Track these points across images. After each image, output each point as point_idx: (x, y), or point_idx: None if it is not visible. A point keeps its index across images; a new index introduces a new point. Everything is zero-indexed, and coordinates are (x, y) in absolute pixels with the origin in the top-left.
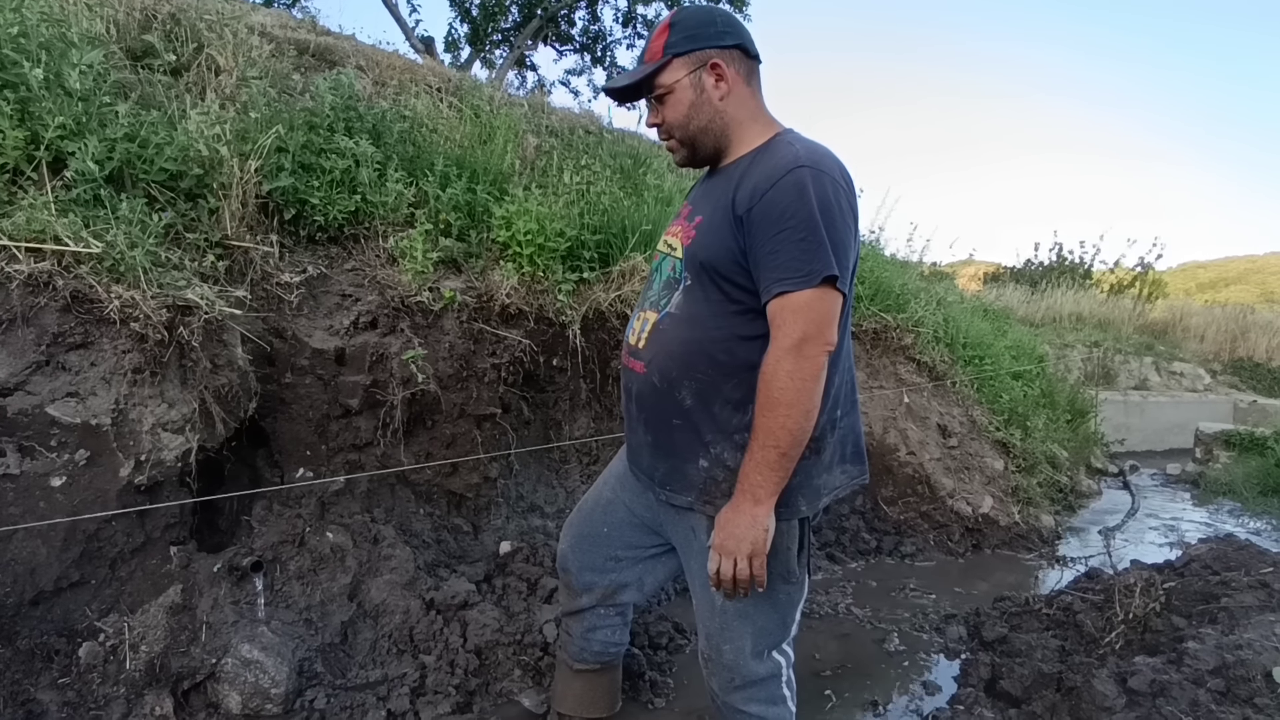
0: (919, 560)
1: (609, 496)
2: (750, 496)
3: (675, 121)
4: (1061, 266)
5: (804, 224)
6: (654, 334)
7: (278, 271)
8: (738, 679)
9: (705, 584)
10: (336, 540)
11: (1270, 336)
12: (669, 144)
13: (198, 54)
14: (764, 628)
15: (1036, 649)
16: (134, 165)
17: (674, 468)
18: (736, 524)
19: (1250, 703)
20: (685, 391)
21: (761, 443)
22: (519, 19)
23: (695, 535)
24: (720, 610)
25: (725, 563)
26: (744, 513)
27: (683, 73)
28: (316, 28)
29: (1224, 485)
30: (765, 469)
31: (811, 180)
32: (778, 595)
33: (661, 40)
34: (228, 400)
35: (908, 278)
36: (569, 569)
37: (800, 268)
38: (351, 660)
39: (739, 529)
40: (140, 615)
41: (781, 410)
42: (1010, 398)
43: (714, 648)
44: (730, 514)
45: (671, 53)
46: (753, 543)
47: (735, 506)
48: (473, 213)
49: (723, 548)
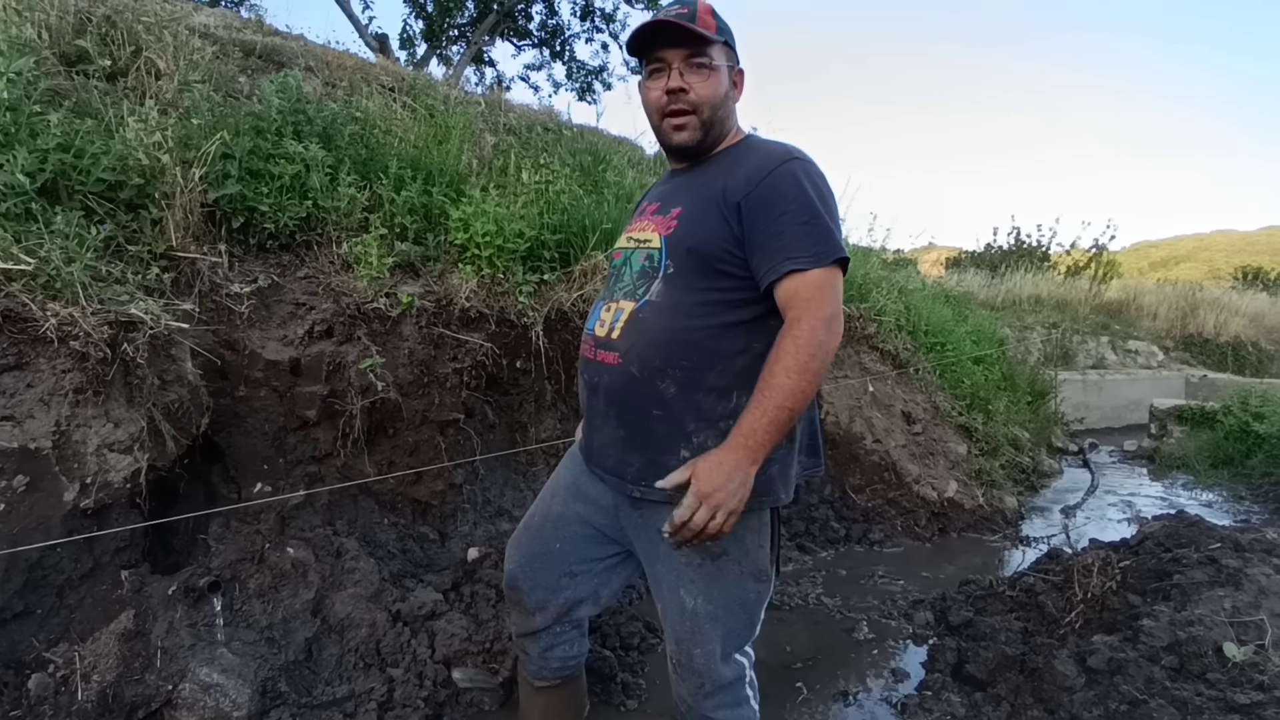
0: (887, 547)
1: (559, 510)
2: (749, 454)
3: (707, 99)
4: (1020, 250)
5: (805, 209)
6: (632, 323)
7: (227, 282)
8: (708, 684)
9: (675, 587)
10: (298, 555)
11: (1218, 313)
12: (681, 119)
13: (136, 58)
14: (733, 629)
15: (1000, 632)
16: (69, 176)
17: (651, 460)
18: (732, 476)
19: (1203, 678)
20: (667, 381)
21: (779, 402)
22: (475, 14)
23: (662, 539)
24: (691, 614)
25: (704, 511)
26: (740, 467)
27: (725, 61)
28: (263, 27)
29: (1178, 459)
30: (773, 428)
31: (806, 171)
32: (748, 595)
33: (712, 20)
34: (178, 417)
35: (869, 266)
36: (519, 588)
37: (809, 248)
38: (317, 677)
39: (732, 481)
40: (91, 644)
41: (808, 376)
42: (972, 382)
43: (685, 652)
44: (722, 464)
45: (723, 38)
46: (741, 499)
47: (729, 459)
48: (429, 215)
49: (710, 496)
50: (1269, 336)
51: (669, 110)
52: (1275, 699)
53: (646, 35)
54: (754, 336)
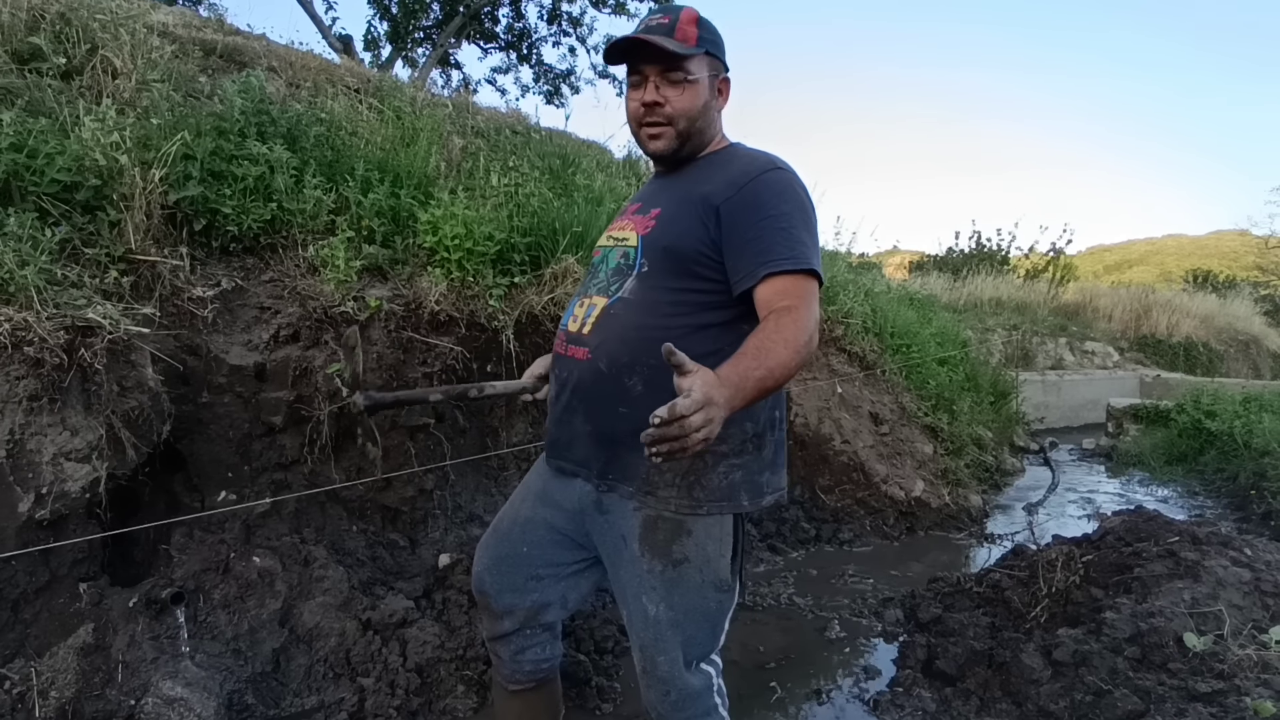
0: (857, 546)
1: (527, 514)
2: (736, 393)
3: (685, 110)
4: (981, 253)
5: (786, 217)
6: (603, 319)
7: (189, 286)
8: (673, 692)
9: (637, 594)
10: (264, 564)
11: (1170, 314)
12: (657, 130)
13: (91, 56)
14: (694, 637)
15: (969, 627)
16: (22, 177)
17: (615, 456)
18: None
19: (1165, 668)
20: (635, 378)
21: (769, 365)
22: (441, 16)
23: (626, 545)
24: (654, 621)
25: (702, 414)
26: (726, 401)
27: (706, 71)
28: (224, 27)
29: (1134, 457)
30: (759, 386)
31: (789, 181)
32: (709, 604)
33: (694, 30)
34: (138, 424)
35: (836, 269)
36: (487, 592)
37: (787, 253)
38: (285, 689)
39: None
40: (48, 659)
41: (796, 355)
42: (937, 383)
43: (649, 659)
44: (719, 388)
45: (704, 48)
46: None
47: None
48: (397, 218)
49: (713, 401)
50: (1219, 337)
51: (645, 121)
52: (1235, 687)
53: (623, 50)
54: (724, 339)
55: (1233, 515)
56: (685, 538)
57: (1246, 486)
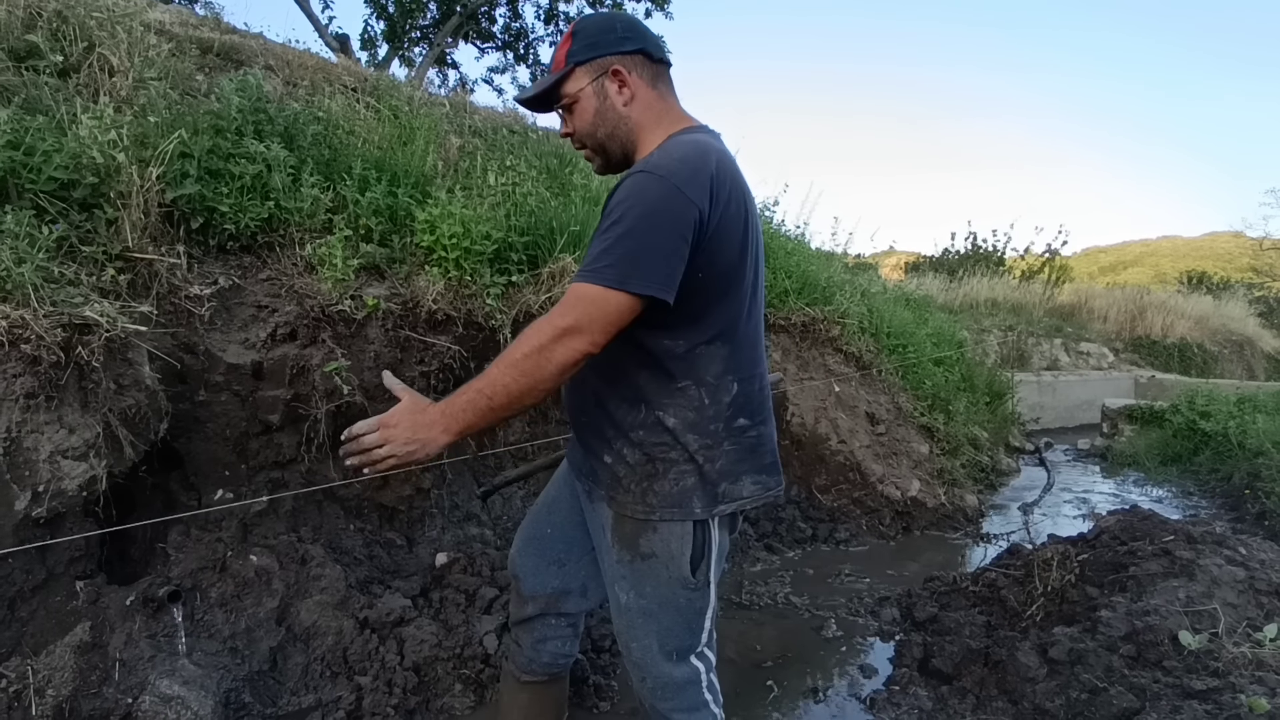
0: (853, 545)
1: (554, 494)
2: (443, 419)
3: (584, 130)
4: (976, 254)
5: (616, 224)
6: None
7: (186, 284)
8: (649, 679)
9: (611, 583)
10: (261, 563)
11: (1164, 315)
12: (584, 153)
13: (88, 54)
14: (668, 629)
15: (965, 626)
16: (19, 175)
17: (587, 460)
18: (414, 426)
19: (1160, 665)
20: (588, 390)
21: (479, 386)
22: (438, 16)
23: (604, 533)
24: (625, 608)
25: (377, 436)
26: (427, 426)
27: (585, 81)
28: (221, 25)
29: (1129, 457)
30: (469, 408)
31: (643, 183)
32: (678, 599)
33: (565, 49)
34: (135, 422)
35: (833, 270)
36: (518, 574)
37: (594, 261)
38: (282, 687)
39: (412, 430)
40: (45, 657)
41: (512, 371)
42: (933, 383)
43: (623, 645)
44: (415, 409)
45: (574, 61)
46: (410, 452)
47: (425, 412)
48: (394, 217)
49: (388, 426)
50: (1213, 338)
51: (578, 150)
52: (1230, 685)
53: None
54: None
55: (1227, 515)
56: (651, 534)
57: (1241, 486)
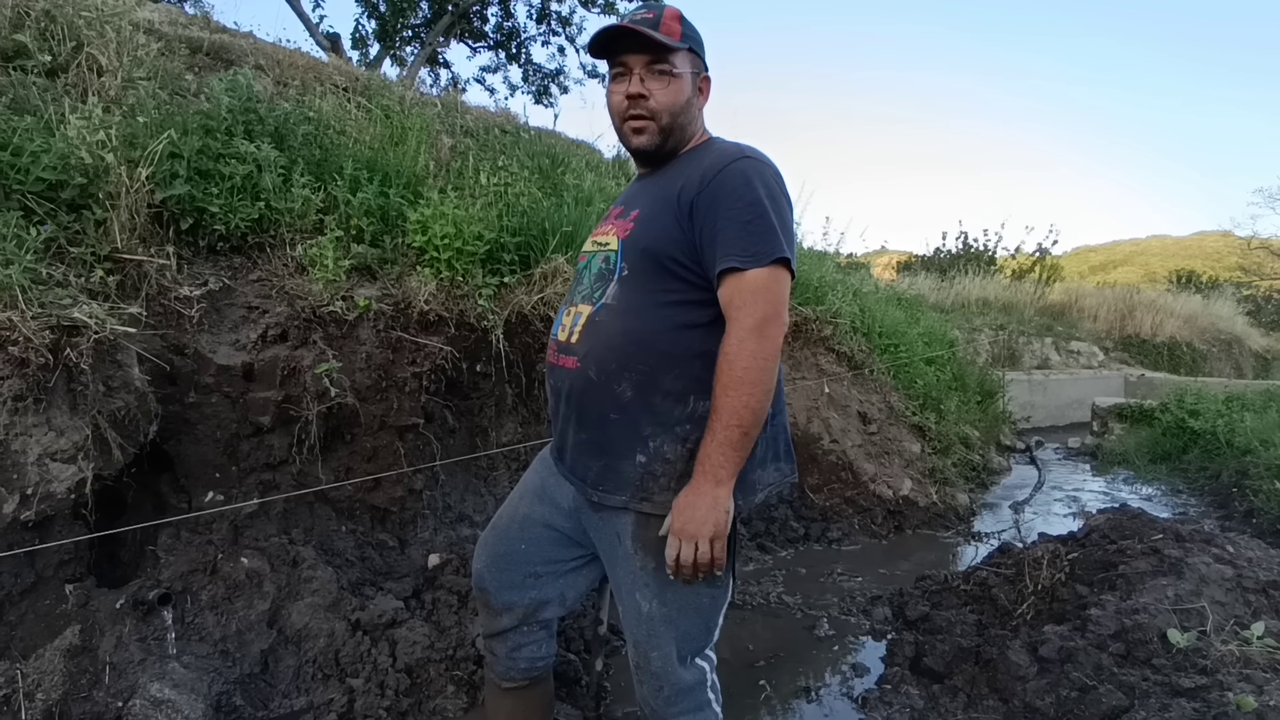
0: (845, 544)
1: (525, 512)
2: (712, 478)
3: (668, 105)
4: (968, 254)
5: (750, 207)
6: (589, 327)
7: (176, 285)
8: (666, 688)
9: (630, 591)
10: (252, 565)
11: (1154, 314)
12: (640, 123)
13: (77, 53)
14: (688, 633)
15: (956, 625)
16: (6, 175)
17: (608, 466)
18: (697, 506)
19: (1149, 664)
20: (624, 384)
21: (725, 423)
22: (429, 15)
23: (620, 541)
24: (647, 617)
25: (686, 548)
26: (705, 494)
27: (689, 68)
28: (210, 24)
29: (1119, 455)
30: (728, 449)
31: (756, 169)
32: (702, 600)
33: (678, 27)
34: (125, 425)
35: (825, 269)
36: (486, 588)
37: (749, 247)
38: (274, 690)
39: (700, 511)
40: (34, 661)
41: (746, 390)
42: (924, 383)
43: (642, 655)
44: (690, 497)
45: (688, 45)
46: (715, 524)
47: (695, 489)
48: (386, 217)
49: (683, 532)
50: (1202, 337)
51: (629, 115)
52: (1218, 682)
53: (608, 39)
54: (711, 339)
55: (1215, 513)
56: None
57: (1229, 484)
